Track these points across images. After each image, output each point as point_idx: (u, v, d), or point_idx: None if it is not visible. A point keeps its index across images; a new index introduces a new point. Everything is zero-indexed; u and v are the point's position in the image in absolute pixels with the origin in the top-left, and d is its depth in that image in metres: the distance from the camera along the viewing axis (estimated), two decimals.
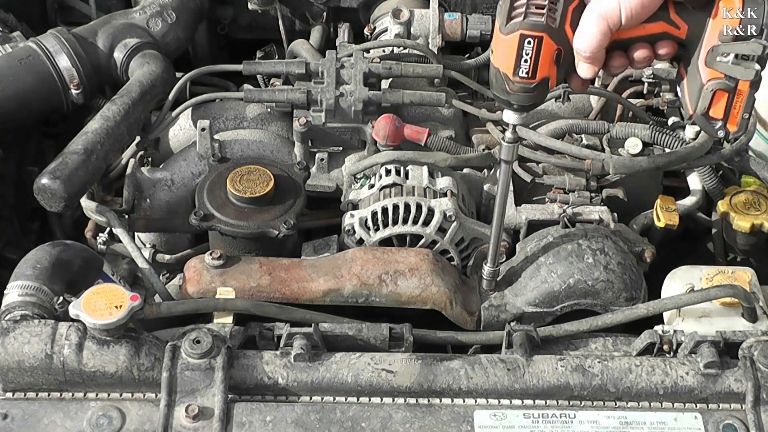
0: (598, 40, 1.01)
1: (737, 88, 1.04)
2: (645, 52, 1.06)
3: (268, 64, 1.60)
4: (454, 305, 1.28)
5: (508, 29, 1.01)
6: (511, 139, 1.14)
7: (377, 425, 1.09)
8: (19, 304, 1.16)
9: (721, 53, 1.01)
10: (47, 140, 1.78)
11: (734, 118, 1.07)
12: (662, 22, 1.03)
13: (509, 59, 1.03)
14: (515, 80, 1.04)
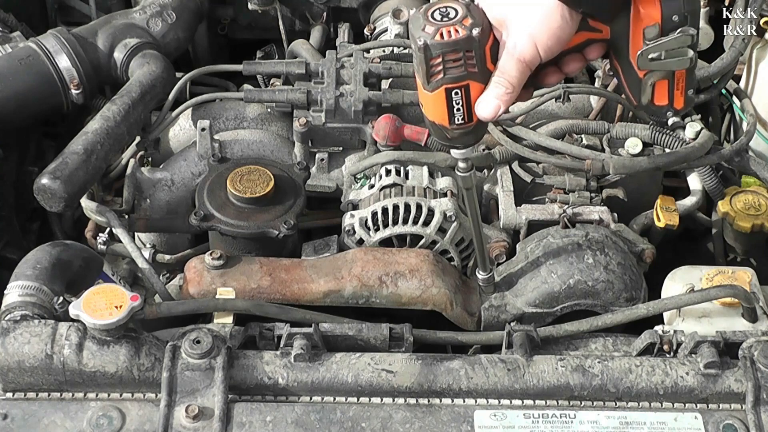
0: (518, 79, 1.00)
1: (675, 73, 1.03)
2: (576, 62, 1.05)
3: (268, 64, 1.60)
4: (455, 306, 1.28)
5: (431, 86, 1.00)
6: (465, 168, 1.13)
7: (377, 425, 1.09)
8: (19, 304, 1.16)
9: (650, 54, 1.00)
10: (47, 140, 1.78)
11: (679, 98, 1.06)
12: (583, 32, 1.02)
13: (441, 113, 1.02)
14: (453, 128, 1.04)
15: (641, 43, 0.99)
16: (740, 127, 1.67)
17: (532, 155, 1.49)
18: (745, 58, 1.76)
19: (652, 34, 0.99)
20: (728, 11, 1.71)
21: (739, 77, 1.81)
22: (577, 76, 1.80)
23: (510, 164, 1.49)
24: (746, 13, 1.63)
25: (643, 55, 1.00)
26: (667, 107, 1.06)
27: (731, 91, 1.82)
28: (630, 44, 1.01)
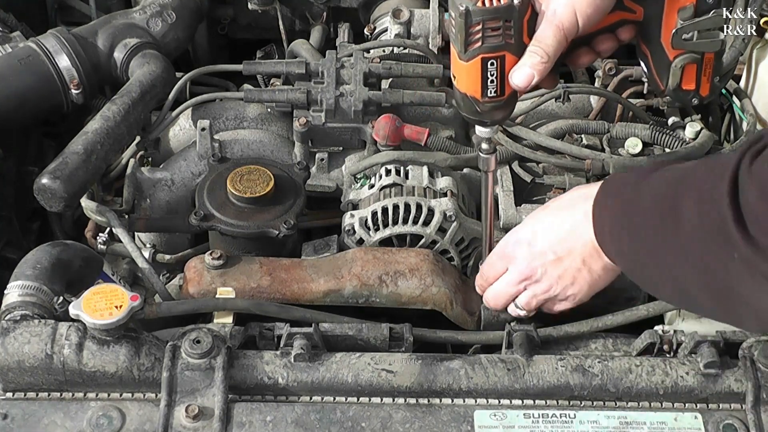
0: (554, 48, 1.03)
1: (704, 57, 1.05)
2: (608, 42, 1.09)
3: (268, 64, 1.60)
4: (455, 305, 1.28)
5: (468, 56, 1.01)
6: (488, 150, 1.13)
7: (377, 425, 1.10)
8: (19, 304, 1.16)
9: (683, 34, 1.02)
10: (47, 140, 1.78)
11: (705, 84, 1.08)
12: (618, 11, 1.04)
13: (475, 83, 1.03)
14: (485, 101, 1.04)
15: (674, 24, 1.01)
16: (740, 127, 1.67)
17: (532, 155, 1.49)
18: (745, 58, 1.76)
19: (686, 14, 1.00)
20: (728, 11, 1.71)
21: (739, 77, 1.81)
22: (577, 75, 1.80)
23: (510, 164, 1.49)
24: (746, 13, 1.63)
25: (678, 34, 1.02)
26: (693, 93, 1.08)
27: (731, 91, 1.82)
28: (662, 26, 1.04)
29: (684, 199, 0.95)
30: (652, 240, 1.00)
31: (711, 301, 0.97)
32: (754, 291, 0.88)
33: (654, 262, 1.01)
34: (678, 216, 0.95)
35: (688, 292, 0.99)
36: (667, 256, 0.98)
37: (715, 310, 0.99)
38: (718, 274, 0.91)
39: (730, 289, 0.91)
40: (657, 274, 1.02)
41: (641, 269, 1.05)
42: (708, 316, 1.08)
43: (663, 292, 1.07)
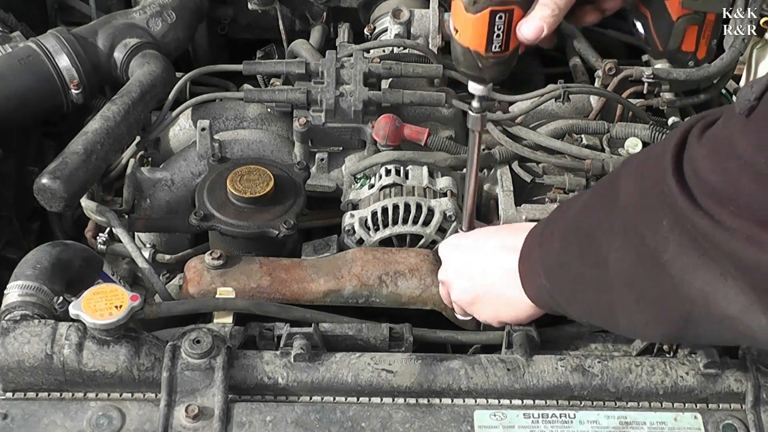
0: (565, 2, 1.02)
1: (705, 19, 1.05)
2: (614, 0, 1.08)
3: (268, 64, 1.60)
4: None
5: (476, 8, 0.99)
6: (478, 108, 1.12)
7: (377, 425, 1.10)
8: (19, 304, 1.16)
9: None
10: (47, 140, 1.78)
11: (703, 47, 1.08)
12: None
13: (480, 38, 1.01)
14: (488, 56, 1.02)
15: None
16: None
17: (532, 155, 1.49)
18: (745, 58, 1.76)
19: None
20: (728, 11, 1.71)
21: (739, 77, 1.81)
22: (577, 75, 1.80)
23: (510, 164, 1.50)
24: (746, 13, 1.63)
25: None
26: (692, 55, 1.08)
27: (731, 91, 1.82)
28: None
29: (622, 180, 0.94)
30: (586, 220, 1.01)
31: (631, 292, 0.94)
32: (690, 269, 0.86)
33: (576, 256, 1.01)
34: (616, 193, 0.94)
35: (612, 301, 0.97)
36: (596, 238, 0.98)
37: (631, 305, 0.96)
38: (651, 255, 0.89)
39: (663, 275, 0.88)
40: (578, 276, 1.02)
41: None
42: (617, 323, 1.04)
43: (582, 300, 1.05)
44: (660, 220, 0.87)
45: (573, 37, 1.83)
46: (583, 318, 1.11)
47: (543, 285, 1.07)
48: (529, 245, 1.11)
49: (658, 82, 1.64)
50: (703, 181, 0.83)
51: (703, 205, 0.83)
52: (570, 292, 1.04)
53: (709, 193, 0.82)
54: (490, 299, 1.17)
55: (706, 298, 0.85)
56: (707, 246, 0.83)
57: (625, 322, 0.98)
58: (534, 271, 1.09)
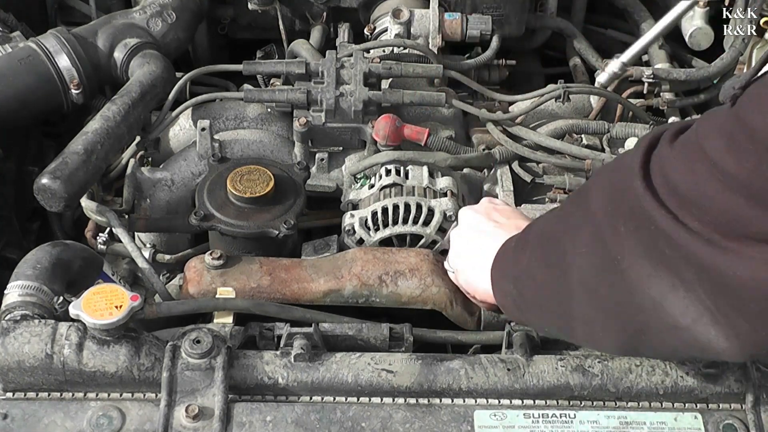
0: None
1: None
2: None
3: (268, 64, 1.60)
4: (455, 305, 1.28)
5: None
6: None
7: (377, 425, 1.09)
8: (19, 304, 1.16)
9: None
10: (47, 140, 1.78)
11: None
12: None
13: None
14: None
15: None
16: None
17: (532, 155, 1.49)
18: (745, 58, 1.76)
19: None
20: (728, 11, 1.71)
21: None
22: (577, 76, 1.80)
23: (510, 164, 1.50)
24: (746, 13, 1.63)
25: None
26: None
27: None
28: None
29: (593, 188, 0.95)
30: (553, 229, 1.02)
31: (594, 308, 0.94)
32: (645, 278, 0.86)
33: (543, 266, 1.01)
34: (587, 200, 0.94)
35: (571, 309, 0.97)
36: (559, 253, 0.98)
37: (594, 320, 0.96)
38: (612, 261, 0.88)
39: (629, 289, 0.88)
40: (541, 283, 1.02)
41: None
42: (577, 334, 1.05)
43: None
44: (619, 225, 0.87)
45: (573, 37, 1.84)
46: (543, 326, 1.11)
47: (510, 291, 1.08)
48: (502, 251, 1.12)
49: (658, 82, 1.64)
50: (669, 181, 0.83)
51: (667, 205, 0.83)
52: (532, 299, 1.05)
53: (674, 194, 0.82)
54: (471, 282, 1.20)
55: (658, 307, 0.86)
56: (666, 249, 0.83)
57: (582, 330, 0.98)
58: (503, 278, 1.10)
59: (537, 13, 1.86)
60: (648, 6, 1.86)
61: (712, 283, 0.81)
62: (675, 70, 1.67)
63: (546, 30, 1.89)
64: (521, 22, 1.78)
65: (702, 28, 1.73)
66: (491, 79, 1.74)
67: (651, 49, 1.78)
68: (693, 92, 1.70)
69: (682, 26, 1.78)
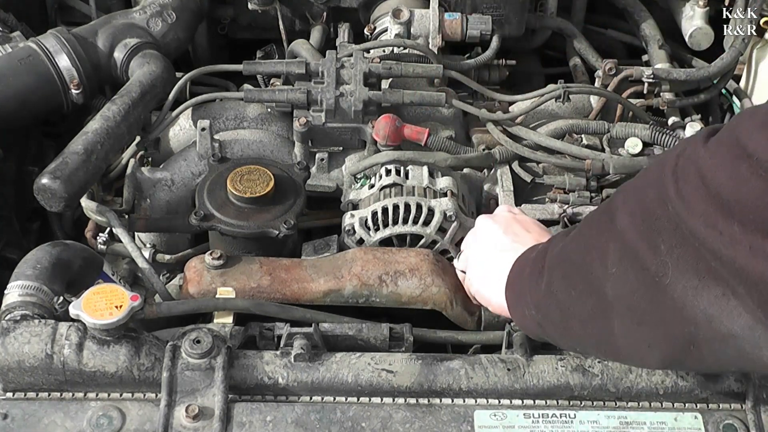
0: None
1: None
2: None
3: (268, 64, 1.60)
4: (455, 305, 1.28)
5: None
6: None
7: (377, 425, 1.09)
8: (19, 304, 1.16)
9: None
10: (47, 140, 1.78)
11: None
12: None
13: None
14: None
15: None
16: None
17: (532, 155, 1.49)
18: (745, 58, 1.76)
19: None
20: (728, 11, 1.72)
21: (739, 77, 1.82)
22: (577, 76, 1.80)
23: (510, 164, 1.50)
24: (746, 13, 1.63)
25: None
26: None
27: (731, 91, 1.82)
28: None
29: (618, 208, 0.92)
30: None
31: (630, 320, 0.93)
32: (691, 291, 0.84)
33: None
34: (611, 220, 0.92)
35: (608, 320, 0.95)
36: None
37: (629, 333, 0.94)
38: (651, 279, 0.87)
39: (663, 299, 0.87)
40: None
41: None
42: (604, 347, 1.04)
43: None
44: (659, 244, 0.85)
45: (573, 37, 1.84)
46: (576, 347, 1.11)
47: (532, 315, 1.07)
48: (517, 274, 1.11)
49: (658, 82, 1.64)
50: (707, 183, 0.80)
51: (705, 213, 0.80)
52: (560, 322, 1.04)
53: (713, 197, 0.80)
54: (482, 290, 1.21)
55: (710, 318, 0.84)
56: (710, 259, 0.81)
57: (626, 346, 0.96)
58: (520, 301, 1.09)
59: (537, 13, 1.86)
60: (648, 6, 1.86)
61: (759, 293, 0.79)
62: (675, 70, 1.67)
63: (546, 30, 1.89)
64: (521, 22, 1.78)
65: (702, 28, 1.73)
66: (491, 79, 1.74)
67: (651, 49, 1.78)
68: (693, 92, 1.70)
69: (682, 26, 1.78)
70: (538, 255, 1.08)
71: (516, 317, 1.13)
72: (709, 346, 0.88)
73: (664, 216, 0.85)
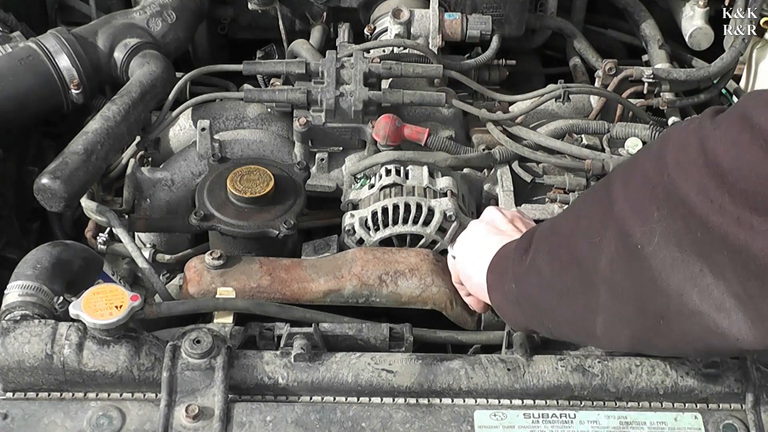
0: None
1: None
2: None
3: (268, 64, 1.60)
4: (455, 305, 1.28)
5: None
6: None
7: (377, 425, 1.09)
8: (19, 304, 1.16)
9: None
10: (47, 140, 1.78)
11: None
12: None
13: None
14: None
15: None
16: None
17: (532, 155, 1.49)
18: (745, 58, 1.76)
19: None
20: (728, 11, 1.72)
21: (739, 77, 1.82)
22: (577, 76, 1.80)
23: (510, 164, 1.50)
24: (746, 13, 1.63)
25: None
26: None
27: (731, 91, 1.82)
28: None
29: (615, 182, 0.93)
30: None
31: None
32: (669, 262, 0.84)
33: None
34: (608, 195, 0.92)
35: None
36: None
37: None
38: (634, 248, 0.87)
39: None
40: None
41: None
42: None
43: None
44: (652, 212, 0.86)
45: (573, 37, 1.84)
46: (549, 326, 1.09)
47: (511, 290, 1.07)
48: (502, 252, 1.12)
49: (658, 82, 1.64)
50: (709, 154, 0.81)
51: (700, 183, 0.81)
52: (538, 296, 1.04)
53: (710, 168, 0.80)
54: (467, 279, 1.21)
55: (682, 293, 0.85)
56: (696, 230, 0.82)
57: (599, 323, 0.96)
58: (502, 278, 1.09)
59: (537, 13, 1.86)
60: (648, 6, 1.86)
61: (743, 266, 0.80)
62: (675, 70, 1.67)
63: (546, 30, 1.89)
64: (521, 22, 1.78)
65: (702, 28, 1.73)
66: (491, 79, 1.74)
67: (651, 49, 1.78)
68: (693, 92, 1.70)
69: (682, 26, 1.78)
70: (525, 234, 1.09)
71: (494, 297, 1.13)
72: (678, 323, 0.88)
73: (660, 184, 0.85)
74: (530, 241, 1.06)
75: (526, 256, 1.05)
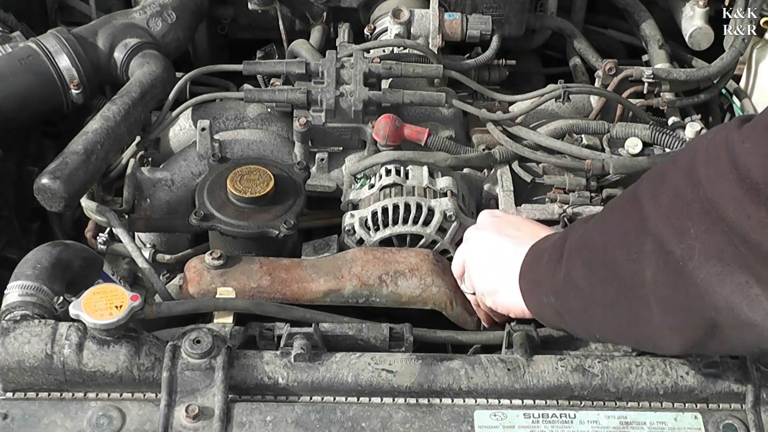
0: None
1: None
2: None
3: (268, 64, 1.60)
4: (455, 305, 1.28)
5: None
6: None
7: (377, 425, 1.09)
8: (19, 304, 1.16)
9: None
10: (47, 140, 1.78)
11: None
12: None
13: None
14: None
15: None
16: None
17: (532, 155, 1.49)
18: (745, 58, 1.76)
19: None
20: (728, 11, 1.72)
21: (739, 77, 1.82)
22: (577, 76, 1.80)
23: (510, 164, 1.50)
24: (746, 13, 1.63)
25: None
26: None
27: (731, 91, 1.82)
28: None
29: (644, 195, 0.92)
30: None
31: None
32: (715, 278, 0.84)
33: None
34: (638, 207, 0.92)
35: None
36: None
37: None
38: (675, 263, 0.87)
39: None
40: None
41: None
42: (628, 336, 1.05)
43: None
44: (688, 228, 0.86)
45: (573, 37, 1.84)
46: (596, 335, 1.11)
47: (550, 303, 1.07)
48: (532, 262, 1.12)
49: (658, 82, 1.64)
50: (739, 166, 0.81)
51: (735, 200, 0.81)
52: (581, 309, 1.04)
53: (744, 183, 0.80)
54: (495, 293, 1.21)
55: (731, 305, 0.85)
56: (738, 244, 0.81)
57: (648, 332, 0.96)
58: (538, 289, 1.09)
59: (537, 13, 1.86)
60: (648, 6, 1.86)
61: None
62: (675, 70, 1.67)
63: (546, 30, 1.89)
64: (521, 22, 1.78)
65: (702, 28, 1.73)
66: (491, 79, 1.74)
67: (651, 49, 1.78)
68: (693, 92, 1.70)
69: (682, 26, 1.78)
70: (556, 243, 1.08)
71: (532, 306, 1.12)
72: (733, 332, 0.88)
73: (696, 200, 0.85)
74: (561, 250, 1.05)
75: (560, 268, 1.04)
